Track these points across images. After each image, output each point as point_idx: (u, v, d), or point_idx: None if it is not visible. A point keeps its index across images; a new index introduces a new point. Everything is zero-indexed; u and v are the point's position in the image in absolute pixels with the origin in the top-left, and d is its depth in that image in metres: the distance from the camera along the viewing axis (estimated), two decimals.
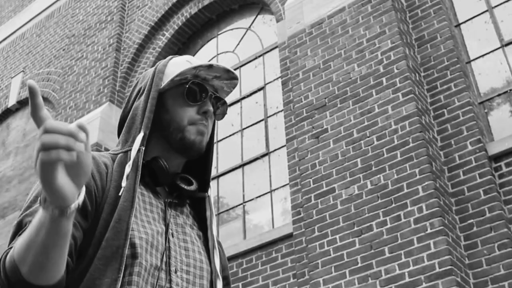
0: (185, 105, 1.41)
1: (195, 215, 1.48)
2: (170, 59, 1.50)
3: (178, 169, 1.45)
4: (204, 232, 1.46)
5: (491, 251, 4.36)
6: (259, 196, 6.34)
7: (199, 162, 1.51)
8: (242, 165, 6.63)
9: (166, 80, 1.44)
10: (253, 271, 5.58)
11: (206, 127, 1.41)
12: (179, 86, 1.43)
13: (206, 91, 1.42)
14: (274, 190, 6.24)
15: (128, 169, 1.31)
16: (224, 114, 1.49)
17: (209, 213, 1.47)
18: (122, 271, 1.21)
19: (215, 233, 1.46)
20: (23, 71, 9.93)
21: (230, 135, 6.97)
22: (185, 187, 1.40)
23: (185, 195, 1.42)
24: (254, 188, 6.43)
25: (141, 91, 1.47)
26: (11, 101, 9.70)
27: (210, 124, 1.45)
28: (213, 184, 6.77)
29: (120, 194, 1.28)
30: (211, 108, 1.42)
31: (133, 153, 1.34)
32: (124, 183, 1.29)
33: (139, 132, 1.38)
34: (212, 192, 1.50)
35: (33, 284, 1.07)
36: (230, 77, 1.45)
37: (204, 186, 1.49)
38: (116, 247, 1.23)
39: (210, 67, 1.42)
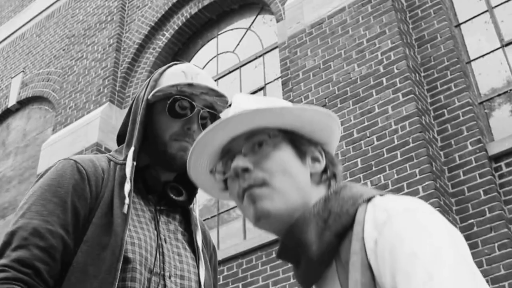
0: (169, 120, 1.40)
1: (186, 222, 1.48)
2: (169, 66, 1.48)
3: (170, 177, 1.45)
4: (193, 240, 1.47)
5: (492, 251, 4.36)
6: None
7: None
8: None
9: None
10: (253, 271, 5.58)
11: (190, 143, 1.39)
12: (165, 100, 1.41)
13: (191, 107, 1.40)
14: None
15: (128, 186, 1.32)
16: None
17: (193, 226, 1.46)
18: (116, 285, 1.21)
19: (200, 245, 1.44)
20: (23, 71, 9.93)
21: None
22: (174, 197, 1.40)
23: (175, 203, 1.43)
24: None
25: (140, 97, 1.47)
26: (11, 101, 9.69)
27: None
28: None
29: (125, 211, 1.28)
30: (194, 125, 1.39)
31: (127, 171, 1.34)
32: (127, 201, 1.30)
33: (132, 145, 1.39)
34: (197, 206, 1.49)
35: None
36: (217, 94, 1.43)
37: (191, 197, 1.47)
38: (110, 262, 1.23)
39: (190, 85, 1.39)
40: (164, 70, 1.47)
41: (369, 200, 0.98)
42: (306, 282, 1.03)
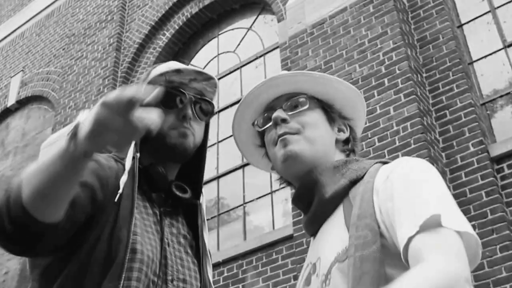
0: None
1: (188, 223, 1.48)
2: (155, 67, 1.50)
3: (172, 176, 1.46)
4: (196, 240, 1.47)
5: (493, 253, 4.34)
6: (260, 197, 6.31)
7: (192, 169, 1.51)
8: (242, 166, 6.60)
9: None
10: (254, 272, 5.56)
11: (189, 130, 1.41)
12: None
13: (183, 96, 1.42)
14: (275, 191, 6.21)
15: (124, 177, 1.32)
16: (209, 114, 1.48)
17: (200, 221, 1.47)
18: (123, 278, 1.21)
19: (206, 241, 1.46)
20: (22, 70, 9.90)
21: (231, 136, 6.94)
22: (180, 194, 1.41)
23: (180, 203, 1.43)
24: (255, 189, 6.40)
25: None
26: (11, 101, 9.67)
27: (197, 127, 1.45)
28: (213, 185, 6.74)
29: (116, 200, 1.28)
30: (189, 112, 1.41)
31: (127, 163, 1.35)
32: (121, 190, 1.30)
33: None
34: (204, 199, 1.51)
35: (29, 214, 1.08)
36: (205, 78, 1.44)
37: (196, 193, 1.49)
38: (116, 254, 1.23)
39: (178, 71, 1.41)
40: (151, 70, 1.49)
41: (384, 163, 1.18)
42: (313, 224, 1.20)
